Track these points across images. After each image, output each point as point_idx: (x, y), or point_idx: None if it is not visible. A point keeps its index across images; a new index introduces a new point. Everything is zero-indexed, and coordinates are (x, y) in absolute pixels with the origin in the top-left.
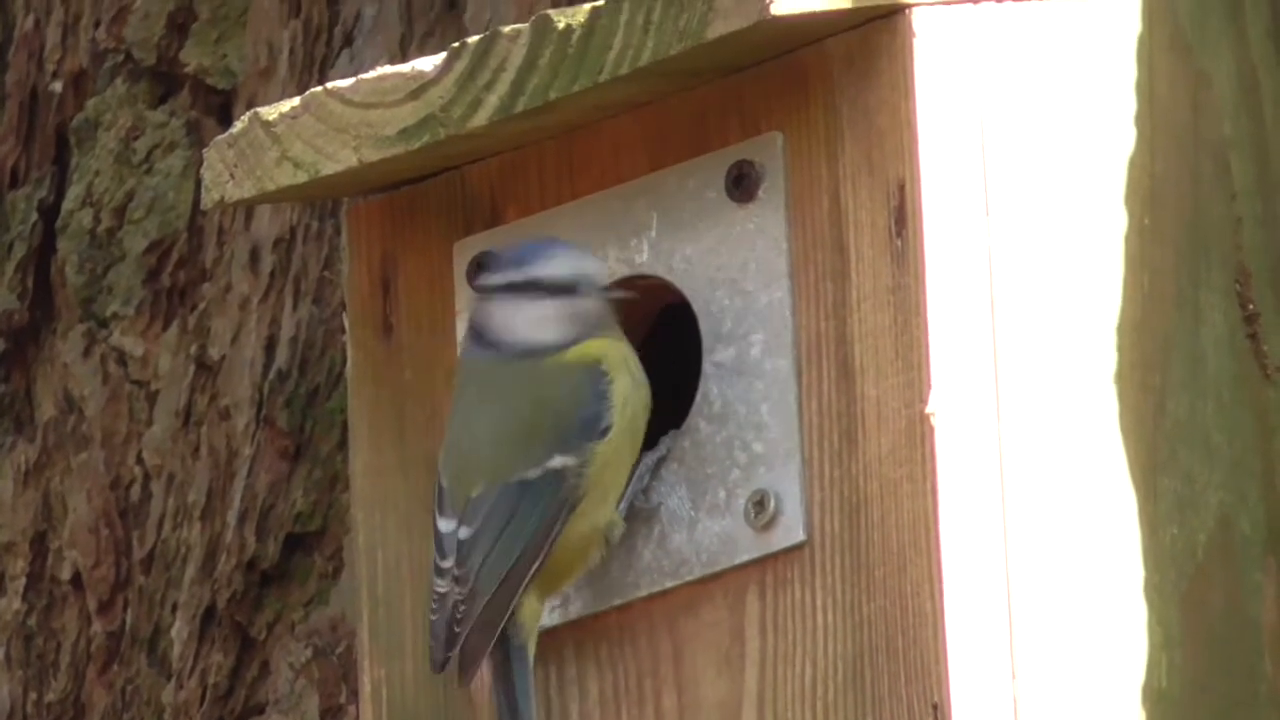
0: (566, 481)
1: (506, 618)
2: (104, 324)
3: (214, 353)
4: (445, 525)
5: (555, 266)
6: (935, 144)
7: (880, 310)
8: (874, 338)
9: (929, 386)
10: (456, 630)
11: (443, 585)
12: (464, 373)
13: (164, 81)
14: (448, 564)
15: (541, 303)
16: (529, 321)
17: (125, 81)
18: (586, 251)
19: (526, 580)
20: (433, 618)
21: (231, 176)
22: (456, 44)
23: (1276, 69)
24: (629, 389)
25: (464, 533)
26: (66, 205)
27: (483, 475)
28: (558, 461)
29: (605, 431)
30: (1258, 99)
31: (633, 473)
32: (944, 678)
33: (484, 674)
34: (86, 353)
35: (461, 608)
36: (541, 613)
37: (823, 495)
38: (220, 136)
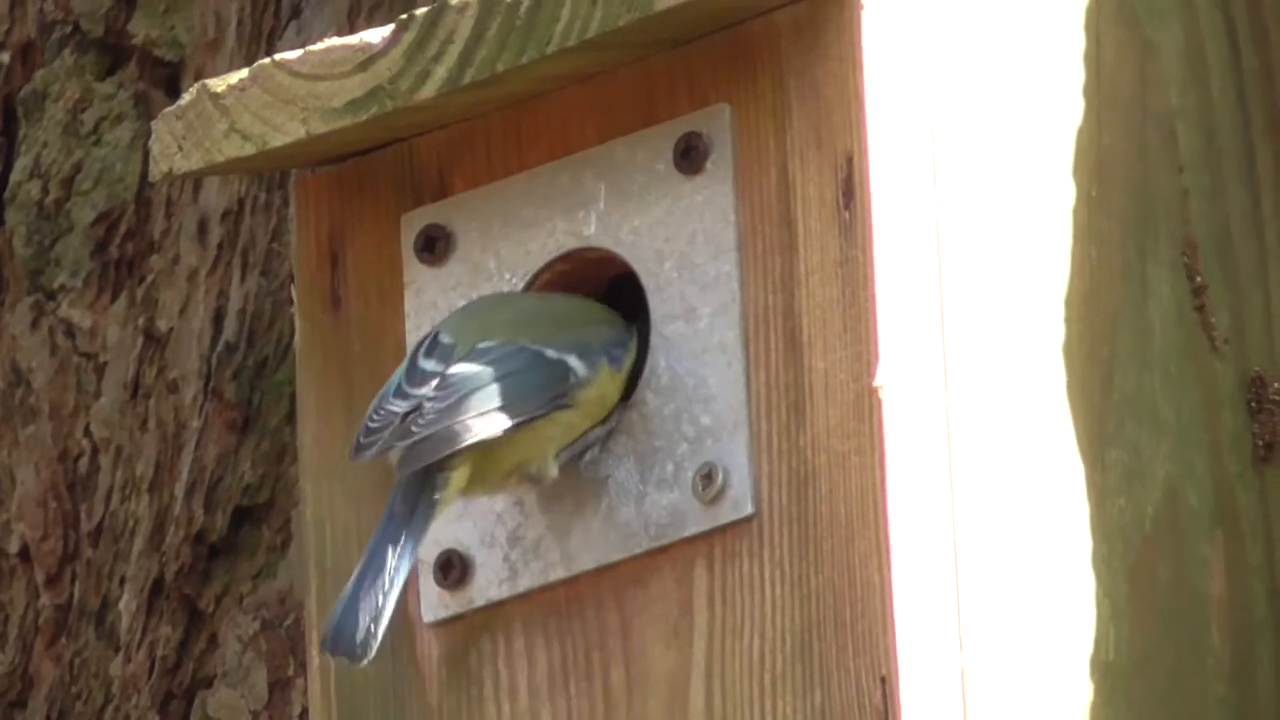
0: (567, 382)
1: (472, 442)
2: (52, 296)
3: (162, 325)
4: (431, 365)
5: None
6: (883, 117)
7: (828, 283)
8: (822, 310)
9: (877, 359)
10: (414, 429)
11: (399, 405)
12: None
13: (112, 53)
14: (418, 391)
15: None
16: None
17: (73, 53)
18: None
19: (502, 429)
20: (371, 423)
21: (179, 148)
22: (404, 16)
23: (1224, 39)
24: (635, 359)
25: (458, 369)
26: (14, 177)
27: (502, 333)
28: (573, 360)
29: (618, 369)
30: (1205, 70)
31: (580, 437)
32: (892, 649)
33: (433, 648)
34: (34, 325)
35: (430, 412)
36: (460, 493)
37: (770, 468)
38: (168, 108)
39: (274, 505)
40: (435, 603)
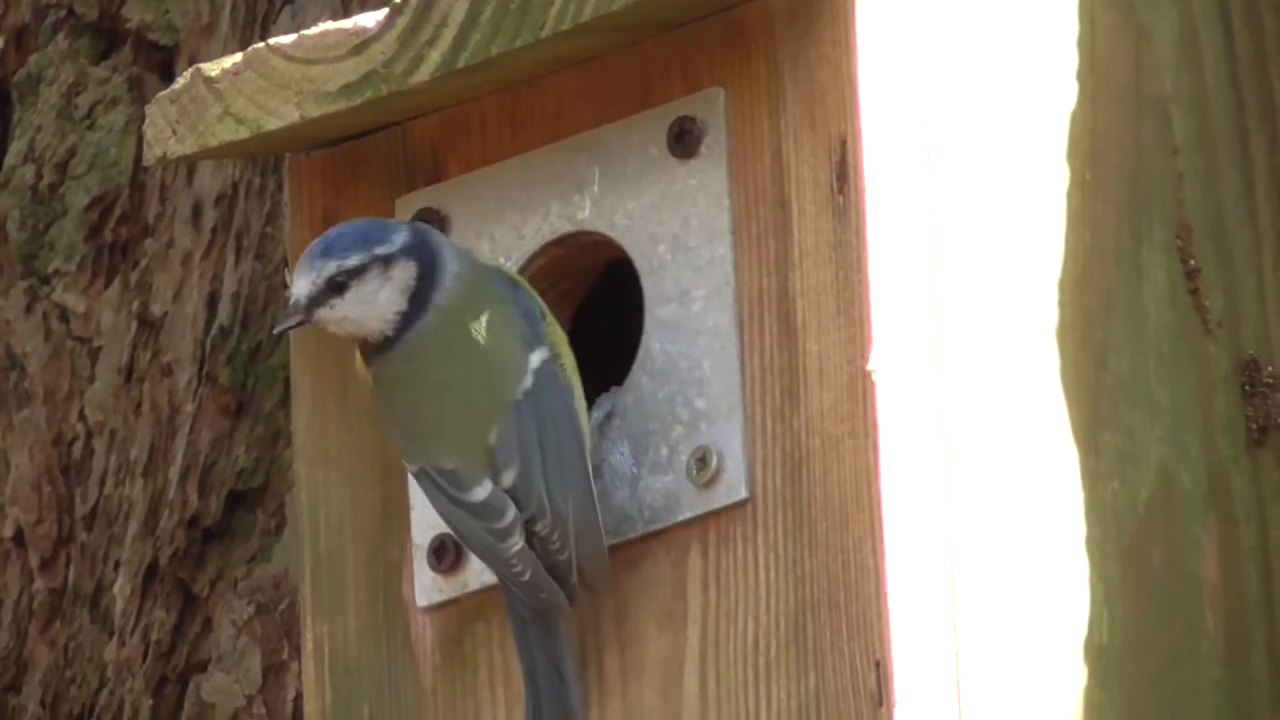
0: (554, 370)
1: (597, 505)
2: (46, 280)
3: (156, 309)
4: (479, 493)
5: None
6: (877, 100)
7: (822, 266)
8: (816, 294)
9: (870, 342)
10: (563, 558)
11: (514, 543)
12: (386, 371)
13: (106, 37)
14: (507, 522)
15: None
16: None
17: (68, 37)
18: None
19: (588, 466)
20: (524, 579)
21: (174, 132)
22: (398, 0)
23: (1217, 23)
24: (516, 281)
25: (508, 478)
26: (8, 161)
27: (488, 420)
28: (536, 357)
29: (542, 314)
30: (1199, 54)
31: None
32: (886, 633)
33: (427, 632)
34: (28, 309)
35: (555, 535)
36: None
37: (765, 452)
38: (162, 92)
39: (268, 489)
40: (429, 587)
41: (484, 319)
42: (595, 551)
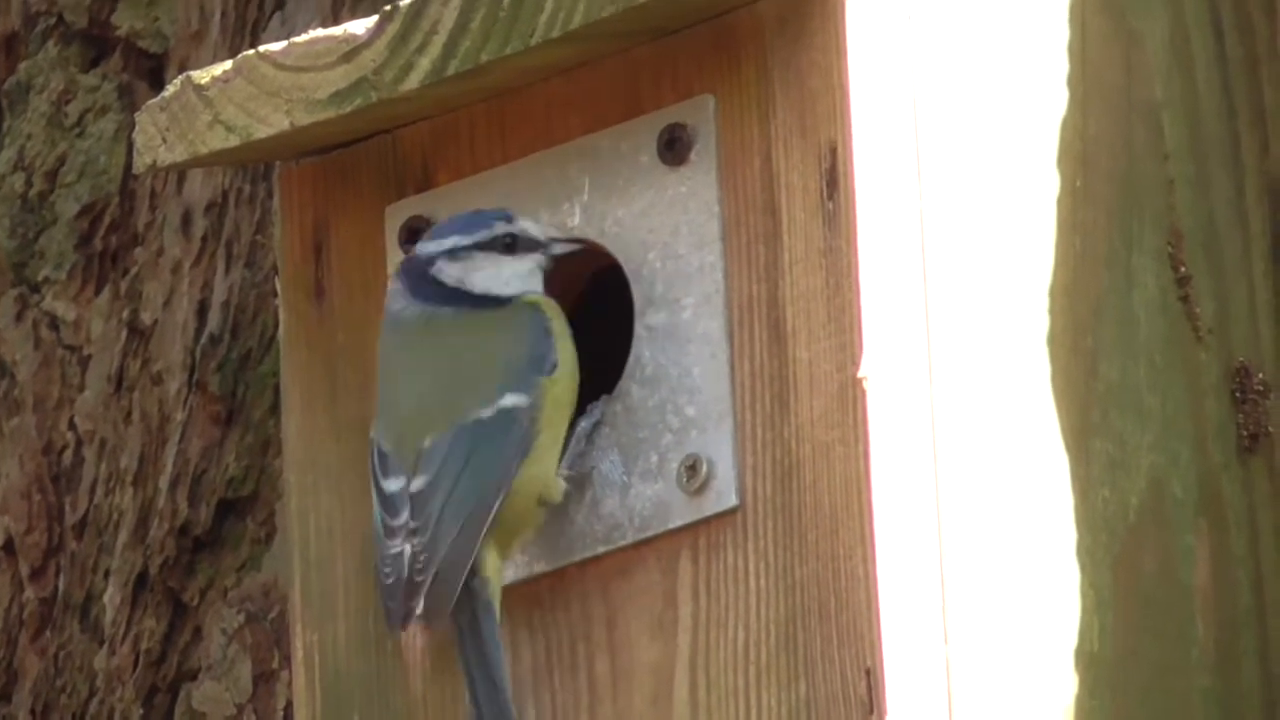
0: (519, 422)
1: (471, 561)
2: (36, 288)
3: (146, 317)
4: (393, 485)
5: (522, 226)
6: (867, 107)
7: (812, 273)
8: (806, 301)
9: (861, 349)
10: (418, 580)
11: (395, 545)
12: (396, 330)
13: (96, 45)
14: (399, 521)
15: (509, 258)
16: (491, 276)
17: (57, 44)
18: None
19: (489, 521)
20: (386, 581)
21: (163, 140)
22: (388, 7)
23: (1208, 29)
24: (565, 333)
25: (417, 484)
26: None
27: (433, 424)
28: (509, 400)
29: (553, 368)
30: (1190, 60)
31: (570, 432)
32: (876, 641)
33: (417, 639)
34: (18, 317)
35: (422, 557)
36: (502, 569)
37: (755, 459)
38: (152, 100)
39: (258, 498)
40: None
41: (489, 333)
42: (445, 593)
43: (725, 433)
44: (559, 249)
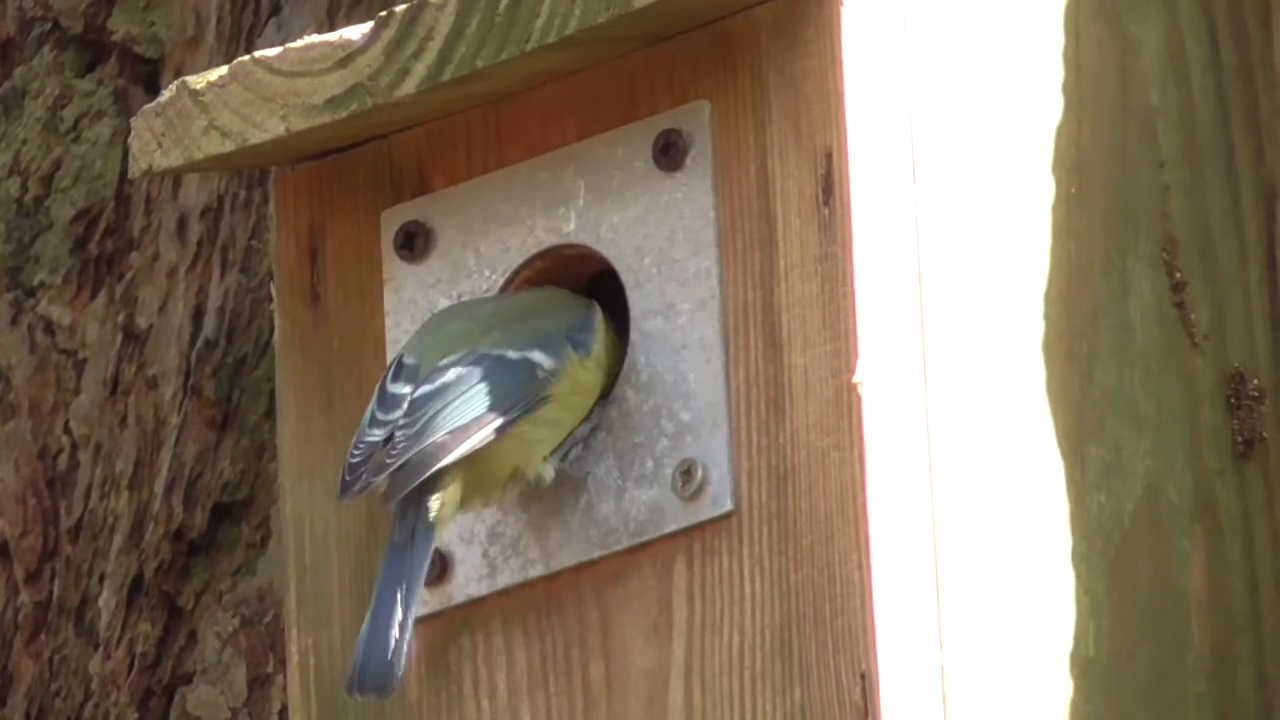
0: (537, 379)
1: (440, 467)
2: (31, 293)
3: (141, 322)
4: (399, 389)
5: None
6: (862, 112)
7: (808, 279)
8: (801, 307)
9: (856, 355)
10: (389, 461)
11: (377, 434)
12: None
13: (91, 50)
14: (391, 416)
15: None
16: None
17: (53, 50)
18: None
19: (472, 442)
20: (353, 459)
21: (159, 145)
22: (384, 13)
23: (1204, 37)
24: (610, 340)
25: (423, 389)
26: None
27: (461, 346)
28: (537, 355)
29: (587, 354)
30: (1185, 66)
31: (571, 434)
32: (871, 646)
33: (412, 645)
34: (14, 321)
35: (400, 444)
36: (456, 511)
37: (750, 464)
38: (148, 105)
39: (253, 502)
40: None
41: (552, 301)
42: (407, 479)
43: (720, 438)
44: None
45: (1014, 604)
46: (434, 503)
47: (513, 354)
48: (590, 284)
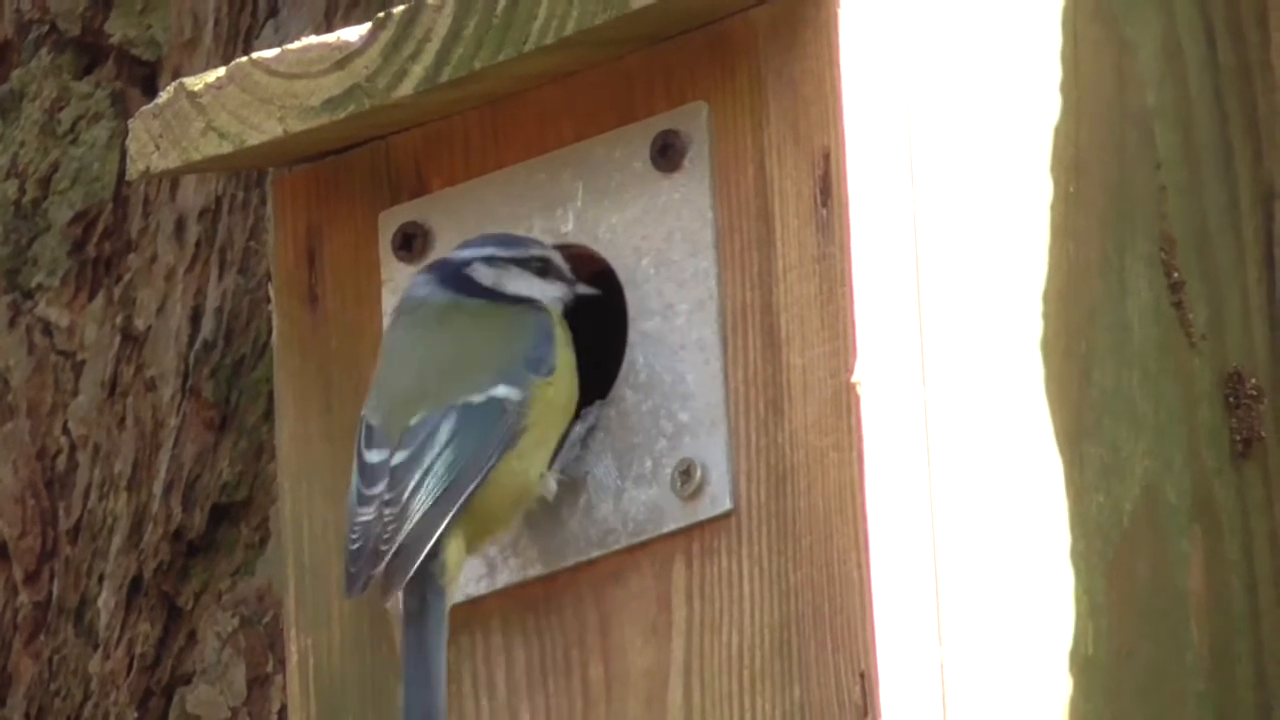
0: (508, 414)
1: (435, 540)
2: (29, 295)
3: (140, 323)
4: (375, 456)
5: (557, 258)
6: (860, 113)
7: (806, 280)
8: (799, 307)
9: (855, 355)
10: (382, 549)
11: (368, 513)
12: (412, 314)
13: (89, 52)
14: (375, 490)
15: (540, 280)
16: (523, 285)
17: (50, 52)
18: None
19: (460, 503)
20: (352, 547)
21: (157, 147)
22: (381, 14)
23: (1201, 37)
24: (567, 341)
25: (399, 458)
26: None
27: (423, 404)
28: (501, 391)
29: (549, 371)
30: (1182, 67)
31: (564, 439)
32: (871, 645)
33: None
34: (12, 323)
35: (390, 526)
36: (464, 561)
37: (749, 464)
38: (145, 107)
39: (252, 503)
40: None
41: (496, 326)
42: (404, 565)
43: (719, 438)
44: (581, 289)
45: (1013, 603)
46: (437, 568)
47: (477, 398)
48: (590, 283)
